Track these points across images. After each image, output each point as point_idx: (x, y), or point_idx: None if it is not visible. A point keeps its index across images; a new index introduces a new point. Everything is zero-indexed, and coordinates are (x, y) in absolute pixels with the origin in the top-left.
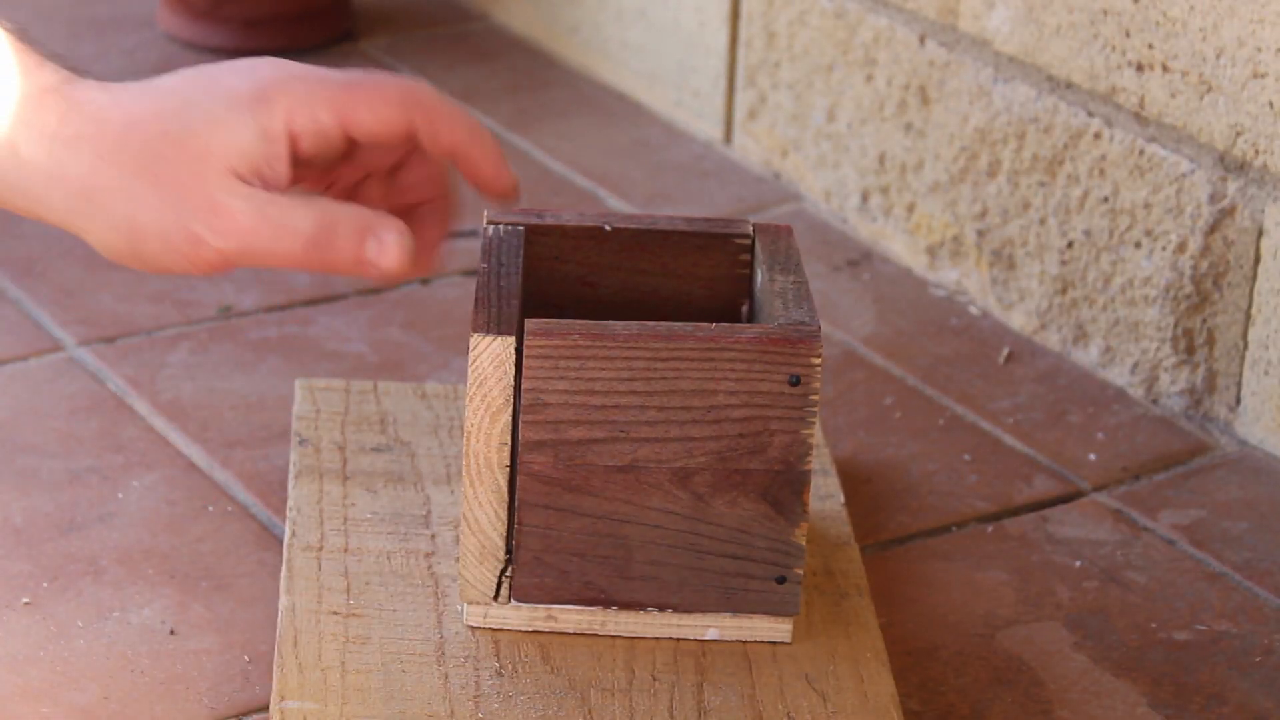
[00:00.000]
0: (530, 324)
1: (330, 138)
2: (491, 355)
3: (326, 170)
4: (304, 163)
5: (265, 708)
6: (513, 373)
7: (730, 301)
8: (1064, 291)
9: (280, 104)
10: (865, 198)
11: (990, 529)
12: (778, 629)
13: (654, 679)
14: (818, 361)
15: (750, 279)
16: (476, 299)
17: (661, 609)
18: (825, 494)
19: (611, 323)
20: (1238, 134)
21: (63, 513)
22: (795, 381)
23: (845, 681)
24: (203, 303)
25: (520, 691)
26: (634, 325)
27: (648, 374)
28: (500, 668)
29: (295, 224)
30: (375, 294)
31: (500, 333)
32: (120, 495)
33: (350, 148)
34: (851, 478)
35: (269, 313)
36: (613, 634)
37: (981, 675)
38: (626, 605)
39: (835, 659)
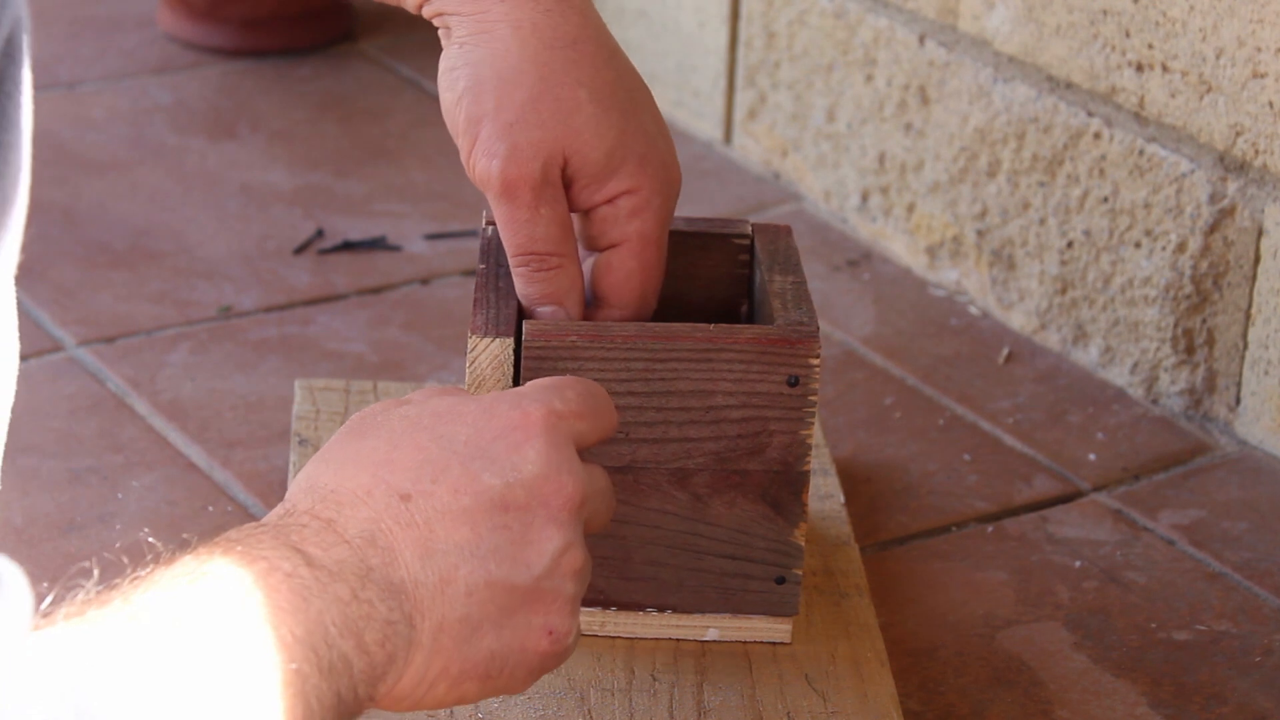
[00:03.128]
0: (529, 325)
1: None
2: (490, 356)
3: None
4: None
5: None
6: (511, 374)
7: (730, 302)
8: (1064, 291)
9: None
10: (865, 198)
11: (990, 529)
12: (777, 629)
13: (654, 679)
14: (816, 362)
15: (749, 279)
16: (475, 300)
17: (661, 609)
18: (825, 494)
19: (609, 323)
20: (1238, 134)
21: (63, 513)
22: (794, 382)
23: (845, 681)
24: (203, 303)
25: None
26: (631, 326)
27: (646, 375)
28: None
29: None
30: (375, 294)
31: (499, 334)
32: (120, 495)
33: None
34: (851, 478)
35: (269, 313)
36: (612, 635)
37: (981, 675)
38: (625, 606)
39: (835, 659)
